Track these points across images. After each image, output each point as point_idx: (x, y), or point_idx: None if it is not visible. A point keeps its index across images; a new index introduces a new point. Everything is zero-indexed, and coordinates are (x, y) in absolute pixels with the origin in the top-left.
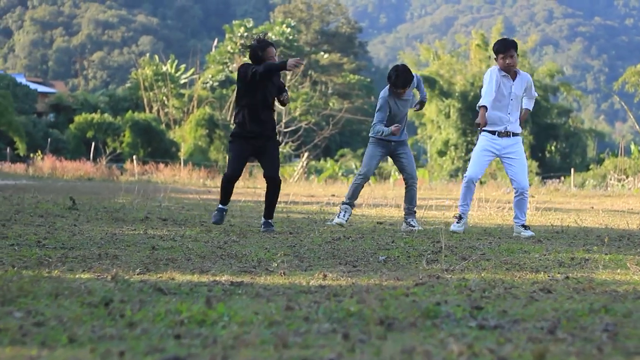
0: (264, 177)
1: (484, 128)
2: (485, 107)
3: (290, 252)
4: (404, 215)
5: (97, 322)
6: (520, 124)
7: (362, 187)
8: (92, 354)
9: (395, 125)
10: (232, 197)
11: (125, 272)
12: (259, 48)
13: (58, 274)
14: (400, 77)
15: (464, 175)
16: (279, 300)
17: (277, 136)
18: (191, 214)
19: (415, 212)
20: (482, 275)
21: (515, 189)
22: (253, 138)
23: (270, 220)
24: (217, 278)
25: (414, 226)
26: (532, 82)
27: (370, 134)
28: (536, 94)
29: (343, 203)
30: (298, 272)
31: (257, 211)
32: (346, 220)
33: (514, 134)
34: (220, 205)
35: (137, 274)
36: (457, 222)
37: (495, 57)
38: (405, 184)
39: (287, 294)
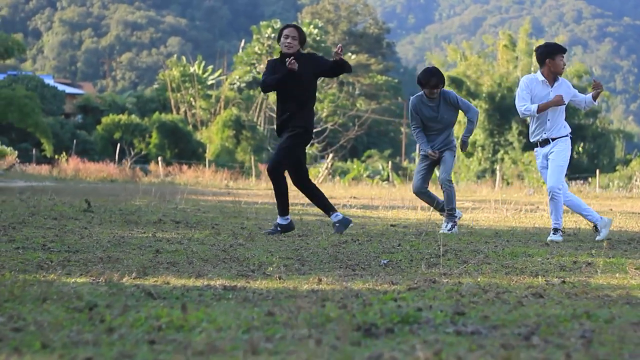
0: None
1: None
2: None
3: (293, 256)
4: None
5: (77, 327)
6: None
7: (423, 200)
8: None
9: (434, 150)
10: (250, 200)
11: (122, 276)
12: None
13: (54, 277)
14: (425, 74)
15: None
16: (265, 305)
17: (303, 123)
18: (205, 216)
19: (451, 215)
20: (479, 279)
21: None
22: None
23: (278, 220)
24: (212, 282)
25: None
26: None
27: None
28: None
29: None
30: (295, 276)
31: (273, 213)
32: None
33: (553, 139)
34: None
35: (133, 278)
36: (554, 234)
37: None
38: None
39: (276, 298)
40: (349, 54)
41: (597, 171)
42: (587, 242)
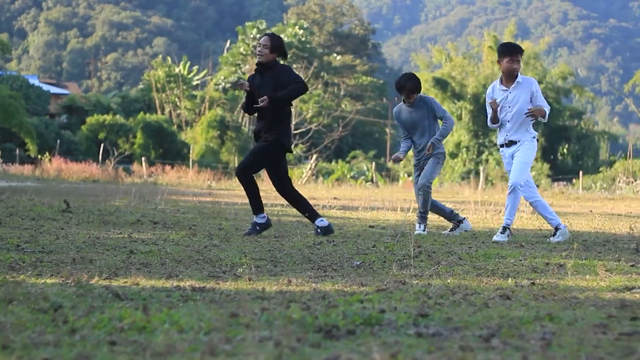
0: None
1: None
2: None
3: (267, 257)
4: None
5: (39, 328)
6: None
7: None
8: None
9: (396, 155)
10: (230, 200)
11: (91, 277)
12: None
13: (23, 278)
14: (400, 82)
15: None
16: (230, 306)
17: (275, 135)
18: (184, 217)
19: (424, 217)
20: (448, 281)
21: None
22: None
23: (255, 219)
24: (181, 283)
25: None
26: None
27: None
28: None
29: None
30: (265, 278)
31: (251, 214)
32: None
33: (519, 141)
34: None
35: (104, 279)
36: (502, 233)
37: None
38: None
39: (242, 300)
40: (334, 54)
41: (581, 173)
42: (562, 244)
